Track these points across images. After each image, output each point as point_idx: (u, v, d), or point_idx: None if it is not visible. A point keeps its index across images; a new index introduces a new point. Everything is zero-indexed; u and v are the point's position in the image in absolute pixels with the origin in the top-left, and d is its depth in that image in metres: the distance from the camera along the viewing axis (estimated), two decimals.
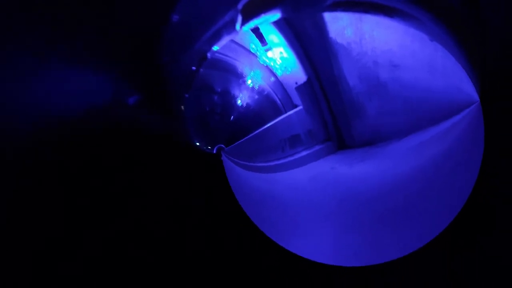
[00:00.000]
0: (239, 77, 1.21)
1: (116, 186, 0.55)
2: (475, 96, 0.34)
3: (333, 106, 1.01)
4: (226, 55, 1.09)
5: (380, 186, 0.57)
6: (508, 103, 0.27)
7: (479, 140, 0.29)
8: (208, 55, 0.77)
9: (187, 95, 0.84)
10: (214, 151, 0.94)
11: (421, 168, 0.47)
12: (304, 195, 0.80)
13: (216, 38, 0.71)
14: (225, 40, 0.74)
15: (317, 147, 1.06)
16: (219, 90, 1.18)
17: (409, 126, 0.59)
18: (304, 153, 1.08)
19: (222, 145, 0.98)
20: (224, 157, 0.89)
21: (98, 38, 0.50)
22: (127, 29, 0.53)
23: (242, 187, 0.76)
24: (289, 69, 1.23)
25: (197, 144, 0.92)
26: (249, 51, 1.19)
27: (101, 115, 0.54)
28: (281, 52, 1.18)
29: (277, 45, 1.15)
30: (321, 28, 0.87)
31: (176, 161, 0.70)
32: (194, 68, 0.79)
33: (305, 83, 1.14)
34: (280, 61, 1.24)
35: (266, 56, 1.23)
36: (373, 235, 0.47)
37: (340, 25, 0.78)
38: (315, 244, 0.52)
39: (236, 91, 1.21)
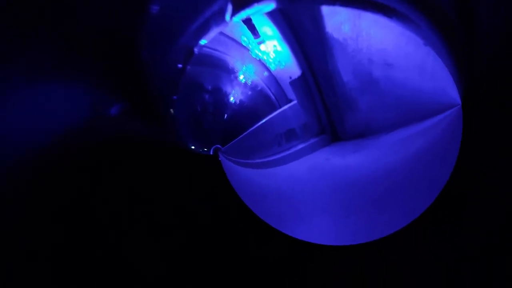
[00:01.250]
0: (231, 73, 1.13)
1: (120, 198, 0.53)
2: (457, 100, 0.40)
3: (326, 100, 1.04)
4: (216, 49, 0.99)
5: (370, 174, 0.65)
6: (486, 107, 0.33)
7: (457, 138, 0.36)
8: (195, 50, 0.69)
9: (175, 97, 0.77)
10: (211, 153, 0.91)
11: (406, 159, 0.56)
12: (302, 186, 0.86)
13: (203, 30, 0.63)
14: (213, 33, 0.67)
15: (312, 140, 1.10)
16: (209, 88, 1.09)
17: (397, 121, 0.67)
18: (300, 146, 1.11)
19: (219, 146, 0.95)
20: (221, 157, 0.88)
21: (60, 45, 0.39)
22: (96, 30, 0.43)
23: (243, 185, 0.78)
24: (283, 63, 1.18)
25: (193, 147, 0.88)
26: (241, 44, 1.11)
27: (82, 133, 0.46)
28: (274, 46, 1.12)
29: (270, 37, 1.09)
30: (318, 22, 0.83)
31: (174, 167, 0.67)
32: (180, 65, 0.71)
33: (299, 77, 1.11)
34: (274, 55, 1.17)
35: (259, 50, 1.15)
36: (365, 217, 0.55)
37: (338, 20, 0.76)
38: (316, 229, 0.59)
39: (228, 88, 1.13)
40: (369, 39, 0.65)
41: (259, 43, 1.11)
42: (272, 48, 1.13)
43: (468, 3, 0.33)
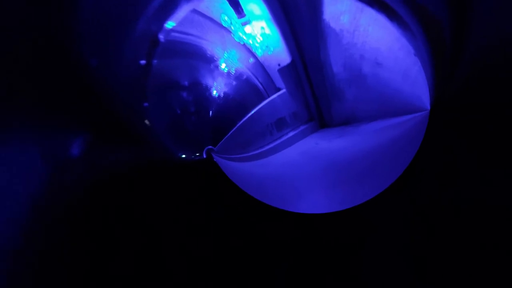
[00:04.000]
0: (210, 62, 0.93)
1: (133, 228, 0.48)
2: (427, 106, 0.54)
3: (315, 89, 1.07)
4: (188, 34, 0.77)
5: (352, 155, 0.81)
6: (451, 116, 0.44)
7: (421, 133, 0.51)
8: (161, 37, 0.51)
9: (146, 104, 0.59)
10: (204, 156, 0.85)
11: (380, 144, 0.73)
12: (296, 169, 1.00)
13: (168, 8, 0.46)
14: (183, 11, 0.52)
15: (302, 127, 1.16)
16: (186, 83, 0.89)
17: (377, 114, 0.80)
18: (291, 134, 1.16)
19: (210, 147, 0.89)
20: (216, 158, 0.85)
21: None
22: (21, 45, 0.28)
23: (243, 178, 0.81)
24: (271, 49, 1.05)
25: (183, 156, 0.79)
26: (220, 25, 0.90)
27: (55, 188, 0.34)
28: (262, 28, 0.95)
29: (258, 18, 0.91)
30: (316, 6, 0.75)
31: (174, 186, 0.59)
32: (143, 62, 0.52)
33: (289, 65, 1.05)
34: (261, 39, 1.00)
35: (243, 32, 0.96)
36: (349, 188, 0.73)
37: (338, 9, 0.70)
38: (312, 202, 0.74)
39: (208, 80, 0.95)
40: (366, 36, 0.64)
41: (244, 24, 0.93)
42: (259, 31, 0.97)
43: (464, 26, 0.36)
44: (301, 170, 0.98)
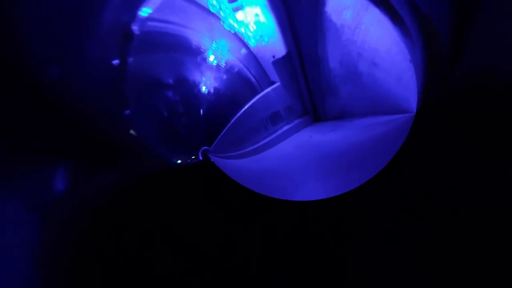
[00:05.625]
0: (196, 54, 0.81)
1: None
2: (414, 109, 0.59)
3: (311, 83, 1.06)
4: (169, 22, 0.64)
5: (343, 148, 0.90)
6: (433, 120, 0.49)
7: (405, 132, 0.58)
8: (135, 28, 0.42)
9: (127, 112, 0.51)
10: (201, 157, 0.81)
11: (368, 139, 0.81)
12: (291, 161, 1.06)
13: None
14: None
15: (296, 121, 1.19)
16: (171, 81, 0.77)
17: (368, 111, 0.86)
18: (285, 127, 1.17)
19: (205, 147, 0.85)
20: (213, 158, 0.84)
21: None
22: None
23: (242, 174, 0.83)
24: (266, 39, 0.95)
25: (179, 161, 0.75)
26: (208, 11, 0.78)
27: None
28: (257, 15, 0.85)
29: (252, 3, 0.81)
30: None
31: (173, 192, 0.55)
32: (116, 62, 0.43)
33: (284, 57, 1.00)
34: (255, 27, 0.90)
35: (235, 19, 0.85)
36: (340, 178, 0.82)
37: (342, 3, 0.65)
38: (308, 190, 0.82)
39: (196, 76, 0.84)
40: (366, 35, 0.63)
41: (236, 10, 0.82)
42: (253, 18, 0.86)
43: (463, 39, 0.37)
44: (296, 161, 1.05)
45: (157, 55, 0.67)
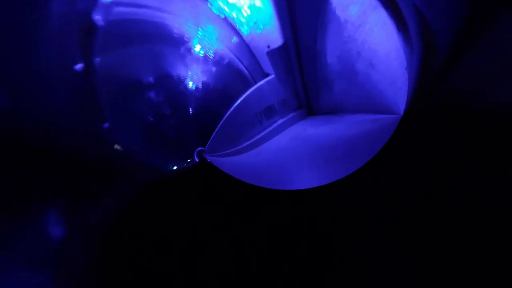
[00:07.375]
0: (179, 44, 0.68)
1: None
2: (401, 112, 0.65)
3: (306, 77, 1.05)
4: (142, 6, 0.51)
5: (336, 141, 0.98)
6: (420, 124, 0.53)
7: (390, 131, 0.66)
8: (97, 19, 0.32)
9: (106, 125, 0.42)
10: (196, 159, 0.79)
11: (358, 134, 0.89)
12: (287, 153, 1.12)
13: None
14: None
15: (291, 115, 1.18)
16: (151, 79, 0.65)
17: (360, 108, 0.91)
18: (280, 121, 1.17)
19: (200, 148, 0.83)
20: (210, 158, 0.82)
21: None
22: None
23: (240, 170, 0.85)
24: (261, 26, 0.84)
25: (174, 168, 0.71)
26: None
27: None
28: None
29: None
30: None
31: (173, 200, 0.55)
32: (79, 66, 0.32)
33: (280, 47, 0.92)
34: (248, 12, 0.78)
35: (225, 1, 0.73)
36: (332, 168, 0.92)
37: None
38: (302, 180, 0.91)
39: (180, 70, 0.73)
40: (369, 35, 0.61)
41: None
42: (246, 1, 0.74)
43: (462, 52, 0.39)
44: (290, 154, 1.12)
45: (131, 49, 0.52)
